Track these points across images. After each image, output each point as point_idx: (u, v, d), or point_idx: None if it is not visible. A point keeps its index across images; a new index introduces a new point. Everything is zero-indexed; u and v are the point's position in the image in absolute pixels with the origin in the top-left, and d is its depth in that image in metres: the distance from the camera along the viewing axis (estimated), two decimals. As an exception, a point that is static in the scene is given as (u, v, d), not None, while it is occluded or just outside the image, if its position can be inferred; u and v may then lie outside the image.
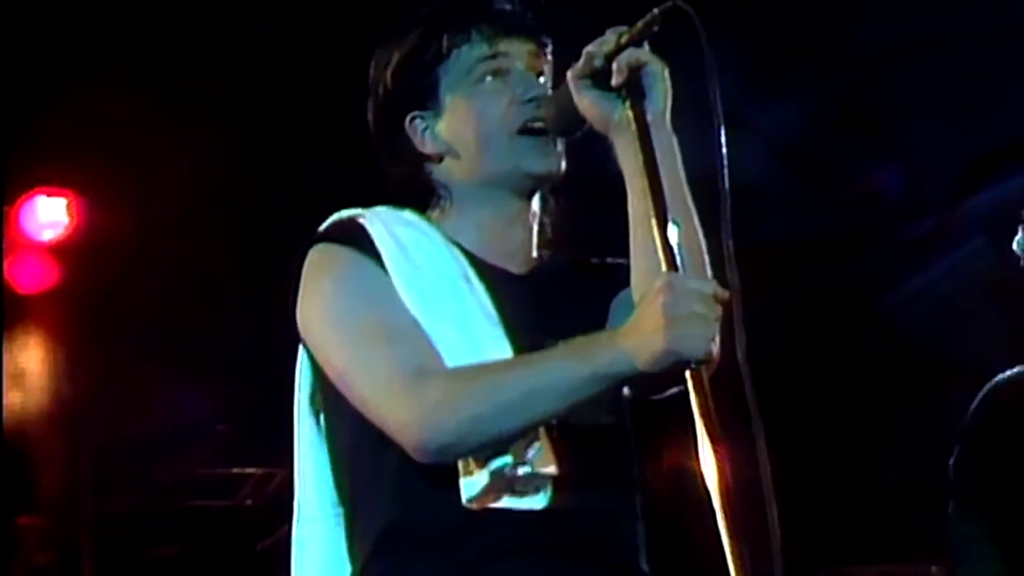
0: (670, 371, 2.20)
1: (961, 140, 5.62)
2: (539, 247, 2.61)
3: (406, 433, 2.32)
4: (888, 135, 5.67)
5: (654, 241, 2.24)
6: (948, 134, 5.53)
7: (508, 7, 2.58)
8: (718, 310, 2.20)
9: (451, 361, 2.38)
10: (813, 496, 6.03)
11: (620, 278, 2.47)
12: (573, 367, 2.27)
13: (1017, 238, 3.51)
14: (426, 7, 2.61)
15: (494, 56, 2.54)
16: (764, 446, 2.12)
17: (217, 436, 6.42)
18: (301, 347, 2.52)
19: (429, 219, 2.56)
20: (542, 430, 2.36)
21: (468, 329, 2.42)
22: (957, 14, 5.11)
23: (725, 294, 2.20)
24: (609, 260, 2.60)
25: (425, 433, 2.31)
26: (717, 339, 2.23)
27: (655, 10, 2.29)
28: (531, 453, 2.37)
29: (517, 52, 2.56)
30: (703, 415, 2.14)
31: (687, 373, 2.17)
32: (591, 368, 2.26)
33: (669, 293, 2.18)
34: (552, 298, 2.51)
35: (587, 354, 2.27)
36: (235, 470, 6.50)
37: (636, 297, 2.38)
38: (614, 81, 2.35)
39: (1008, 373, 3.55)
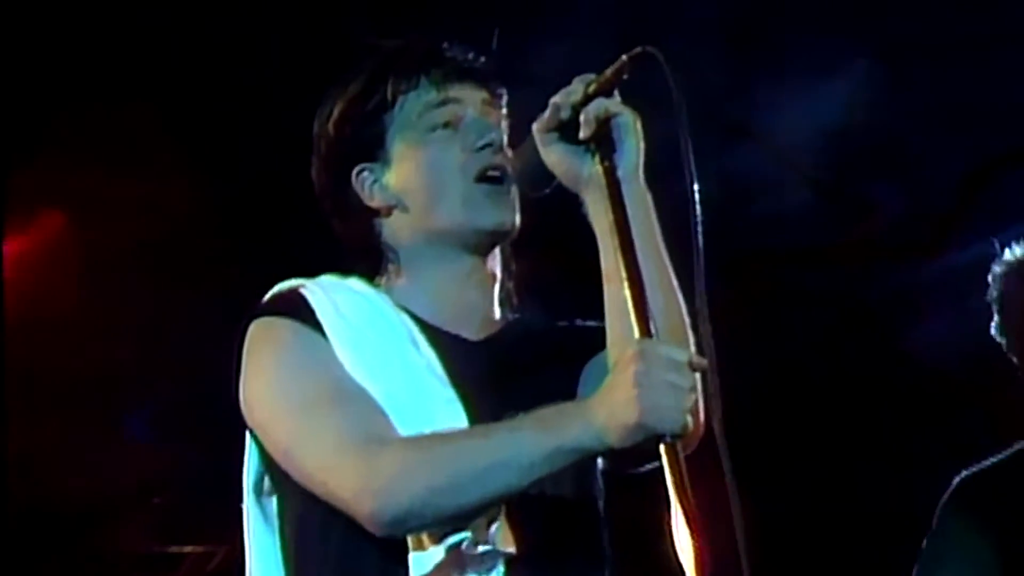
0: (643, 445, 2.08)
1: (962, 145, 5.61)
2: (503, 310, 2.48)
3: (358, 503, 2.20)
4: (889, 140, 5.64)
5: (627, 303, 2.13)
6: (950, 140, 5.52)
7: (459, 53, 2.47)
8: (694, 379, 2.10)
9: (402, 432, 2.25)
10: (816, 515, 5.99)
11: (594, 342, 2.35)
12: (538, 439, 2.15)
13: (995, 321, 3.43)
14: (371, 56, 2.50)
15: (444, 102, 2.43)
16: (743, 525, 2.00)
17: (153, 509, 6.26)
18: (248, 432, 2.39)
19: (377, 285, 2.44)
20: (504, 505, 2.23)
21: (418, 398, 2.30)
22: (958, 18, 5.11)
23: (702, 362, 2.10)
24: (579, 323, 2.48)
25: (378, 502, 2.19)
26: (700, 409, 2.13)
27: (623, 57, 2.21)
28: (492, 530, 2.24)
29: (469, 99, 2.44)
30: (678, 492, 2.02)
31: (661, 447, 2.05)
32: (557, 441, 2.14)
33: (641, 362, 2.07)
34: (511, 365, 2.38)
35: (553, 426, 2.15)
36: (172, 548, 6.32)
37: (611, 363, 2.26)
38: (582, 134, 2.26)
39: (974, 468, 3.46)
